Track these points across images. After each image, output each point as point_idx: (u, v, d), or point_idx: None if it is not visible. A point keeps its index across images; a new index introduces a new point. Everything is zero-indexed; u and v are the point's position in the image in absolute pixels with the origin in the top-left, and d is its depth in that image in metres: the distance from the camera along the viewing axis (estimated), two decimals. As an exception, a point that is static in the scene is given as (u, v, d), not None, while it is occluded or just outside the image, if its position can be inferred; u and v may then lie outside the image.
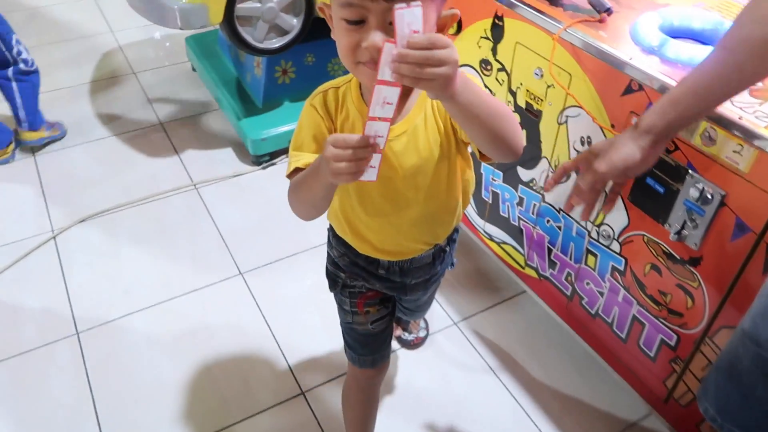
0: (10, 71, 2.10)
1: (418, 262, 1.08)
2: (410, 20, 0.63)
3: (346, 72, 0.88)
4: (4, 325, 1.63)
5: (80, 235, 1.90)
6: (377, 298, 1.15)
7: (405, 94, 0.92)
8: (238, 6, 1.83)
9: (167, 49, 2.88)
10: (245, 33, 1.90)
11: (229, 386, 1.51)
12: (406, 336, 1.63)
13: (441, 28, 0.84)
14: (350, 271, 1.11)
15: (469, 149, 0.97)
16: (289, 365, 1.56)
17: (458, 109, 0.71)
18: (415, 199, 0.96)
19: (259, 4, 1.87)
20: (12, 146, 2.19)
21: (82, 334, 1.61)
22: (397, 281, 1.10)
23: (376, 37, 0.76)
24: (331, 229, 1.12)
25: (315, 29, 1.98)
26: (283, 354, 1.58)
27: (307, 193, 0.90)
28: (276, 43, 1.97)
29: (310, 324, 1.64)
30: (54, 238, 1.88)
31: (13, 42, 2.07)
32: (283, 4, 1.90)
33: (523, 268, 1.58)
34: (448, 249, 1.11)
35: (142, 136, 2.31)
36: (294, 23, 1.96)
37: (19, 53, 2.09)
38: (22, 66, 2.11)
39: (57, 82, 2.59)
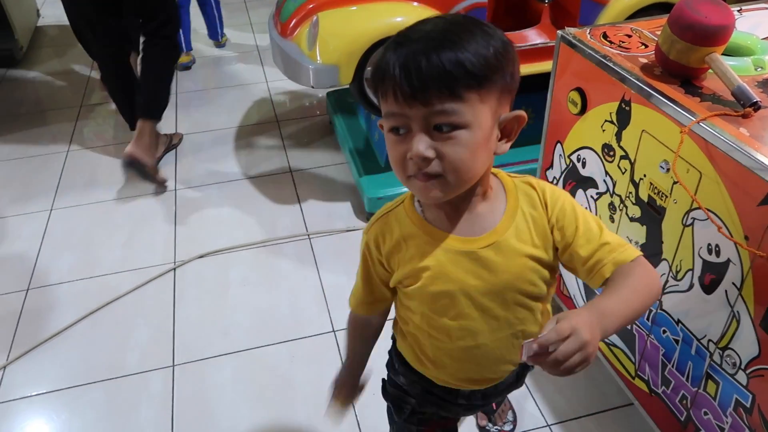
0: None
1: (502, 385, 0.98)
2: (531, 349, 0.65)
3: None
4: (115, 346, 1.75)
5: (197, 270, 2.01)
6: (449, 425, 1.06)
7: (480, 194, 0.82)
8: (369, 69, 1.87)
9: (312, 102, 3.04)
10: (373, 95, 1.94)
11: (298, 448, 1.48)
12: (490, 427, 1.50)
13: (507, 133, 0.77)
14: (422, 399, 1.02)
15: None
16: (362, 438, 1.50)
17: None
18: (505, 317, 0.87)
19: (388, 69, 1.90)
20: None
21: (177, 367, 1.68)
22: (479, 404, 1.00)
23: (419, 146, 0.71)
24: (397, 356, 1.03)
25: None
26: (358, 424, 1.52)
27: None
28: (401, 106, 1.98)
29: (391, 398, 1.57)
30: (174, 269, 2.01)
31: None
32: (414, 69, 1.92)
33: (633, 379, 1.40)
34: (531, 366, 1.00)
35: (271, 182, 2.43)
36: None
37: None
38: None
39: (210, 124, 2.84)
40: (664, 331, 1.26)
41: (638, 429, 1.46)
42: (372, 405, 1.57)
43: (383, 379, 1.11)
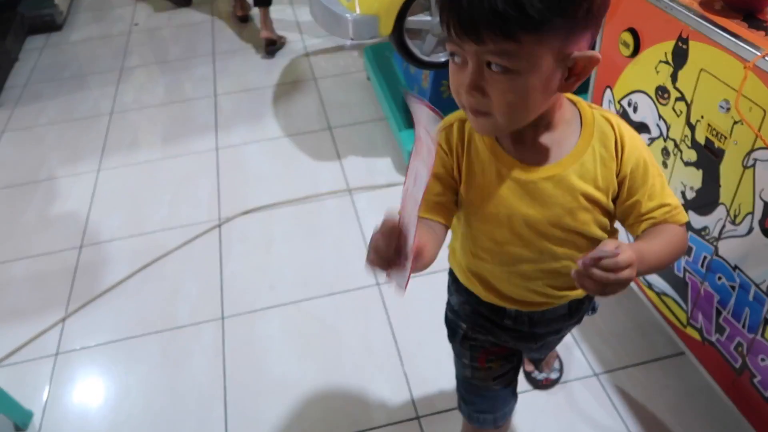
0: None
1: (551, 314, 0.97)
2: None
3: None
4: (166, 300, 1.81)
5: (242, 226, 2.05)
6: (502, 353, 1.05)
7: (545, 125, 0.81)
8: (409, 19, 1.84)
9: (349, 58, 3.01)
10: (413, 45, 1.90)
11: (346, 396, 1.51)
12: (537, 375, 1.50)
13: (576, 72, 0.72)
14: (472, 322, 1.02)
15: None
16: (409, 386, 1.52)
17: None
18: (551, 250, 0.86)
19: (429, 18, 1.86)
20: None
21: (226, 320, 1.73)
22: (525, 331, 1.00)
23: (466, 82, 0.71)
24: (450, 274, 1.03)
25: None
26: (405, 373, 1.54)
27: None
28: (442, 57, 1.94)
29: (437, 348, 1.57)
30: (219, 226, 2.04)
31: None
32: (455, 17, 1.87)
33: (685, 327, 1.37)
34: (587, 302, 0.99)
35: (311, 139, 2.43)
36: (464, 38, 1.92)
37: None
38: None
39: (247, 83, 2.84)
40: (720, 278, 1.22)
41: (689, 378, 1.45)
42: (419, 354, 1.59)
43: (446, 304, 1.11)
